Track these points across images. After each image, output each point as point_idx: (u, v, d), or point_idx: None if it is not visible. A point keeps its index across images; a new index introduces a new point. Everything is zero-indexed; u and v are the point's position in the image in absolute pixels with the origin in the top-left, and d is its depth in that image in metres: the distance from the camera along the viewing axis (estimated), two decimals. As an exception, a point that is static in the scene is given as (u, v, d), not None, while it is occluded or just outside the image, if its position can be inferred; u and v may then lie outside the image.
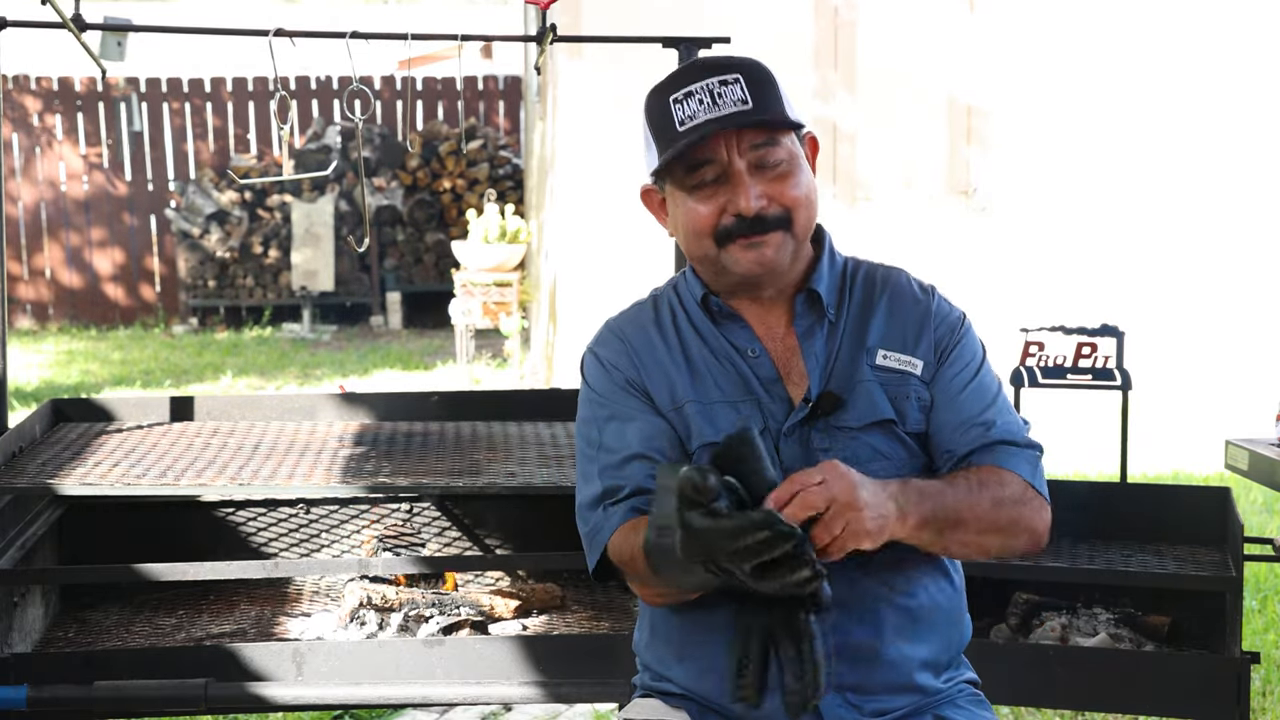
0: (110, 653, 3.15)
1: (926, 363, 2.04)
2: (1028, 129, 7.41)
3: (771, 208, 1.98)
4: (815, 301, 2.06)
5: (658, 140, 2.00)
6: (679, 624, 2.05)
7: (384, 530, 3.73)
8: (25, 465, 3.29)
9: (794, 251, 2.02)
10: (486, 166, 12.55)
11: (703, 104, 1.94)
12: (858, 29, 7.43)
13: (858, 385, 2.01)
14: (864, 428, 2.00)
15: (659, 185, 2.07)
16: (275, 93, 3.56)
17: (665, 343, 2.07)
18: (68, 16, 3.33)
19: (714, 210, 1.98)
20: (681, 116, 1.95)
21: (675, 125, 1.96)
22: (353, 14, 16.82)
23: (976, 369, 2.07)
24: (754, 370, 2.03)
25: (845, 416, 2.00)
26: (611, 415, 2.05)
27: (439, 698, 3.09)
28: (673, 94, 1.97)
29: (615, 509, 2.00)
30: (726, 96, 1.95)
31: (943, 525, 1.89)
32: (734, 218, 1.98)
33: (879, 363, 2.03)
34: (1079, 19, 7.37)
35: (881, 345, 2.04)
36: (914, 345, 2.05)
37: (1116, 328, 3.67)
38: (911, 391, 2.03)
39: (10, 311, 11.81)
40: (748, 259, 1.99)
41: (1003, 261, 7.35)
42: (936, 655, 2.04)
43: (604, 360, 2.09)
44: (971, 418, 2.02)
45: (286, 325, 12.23)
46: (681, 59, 3.52)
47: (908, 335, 2.05)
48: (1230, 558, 3.28)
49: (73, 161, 12.84)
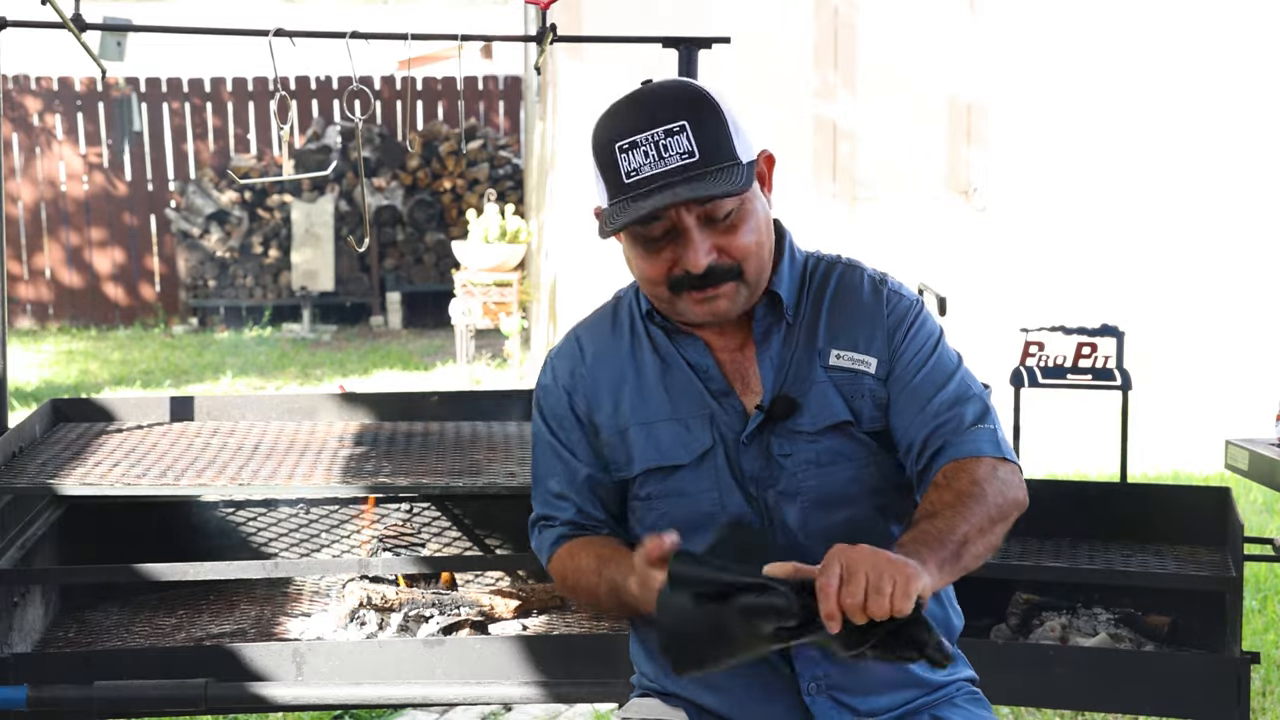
0: (110, 653, 3.15)
1: (880, 359, 2.01)
2: (1028, 129, 7.41)
3: (722, 259, 1.93)
4: (775, 304, 2.03)
5: (605, 183, 1.94)
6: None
7: (384, 530, 3.73)
8: (25, 465, 3.29)
9: (749, 295, 1.98)
10: (486, 166, 12.55)
11: (649, 157, 1.88)
12: (858, 29, 7.43)
13: (812, 387, 1.99)
14: (820, 431, 1.98)
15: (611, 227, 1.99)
16: (275, 93, 3.56)
17: (618, 353, 2.07)
18: (68, 16, 3.33)
19: (664, 265, 1.94)
20: (628, 168, 1.89)
21: (622, 176, 1.90)
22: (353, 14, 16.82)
23: (931, 350, 2.02)
24: (705, 384, 2.02)
25: (801, 420, 1.98)
26: (552, 443, 2.10)
27: (439, 698, 3.09)
28: (618, 141, 1.90)
29: (549, 533, 2.10)
30: (672, 149, 1.87)
31: (956, 557, 1.82)
32: (684, 272, 1.93)
33: (832, 363, 2.00)
34: (1079, 19, 7.37)
35: (833, 345, 2.01)
36: (866, 343, 2.01)
37: (1116, 328, 3.67)
38: (866, 390, 2.00)
39: (10, 311, 11.81)
40: (701, 311, 1.97)
41: (1003, 261, 7.35)
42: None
43: (558, 377, 2.10)
44: (929, 407, 1.98)
45: (286, 325, 12.23)
46: (681, 59, 3.52)
47: (858, 333, 2.02)
48: (1230, 558, 3.28)
49: (73, 161, 12.83)
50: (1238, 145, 7.33)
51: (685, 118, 1.89)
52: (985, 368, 2.31)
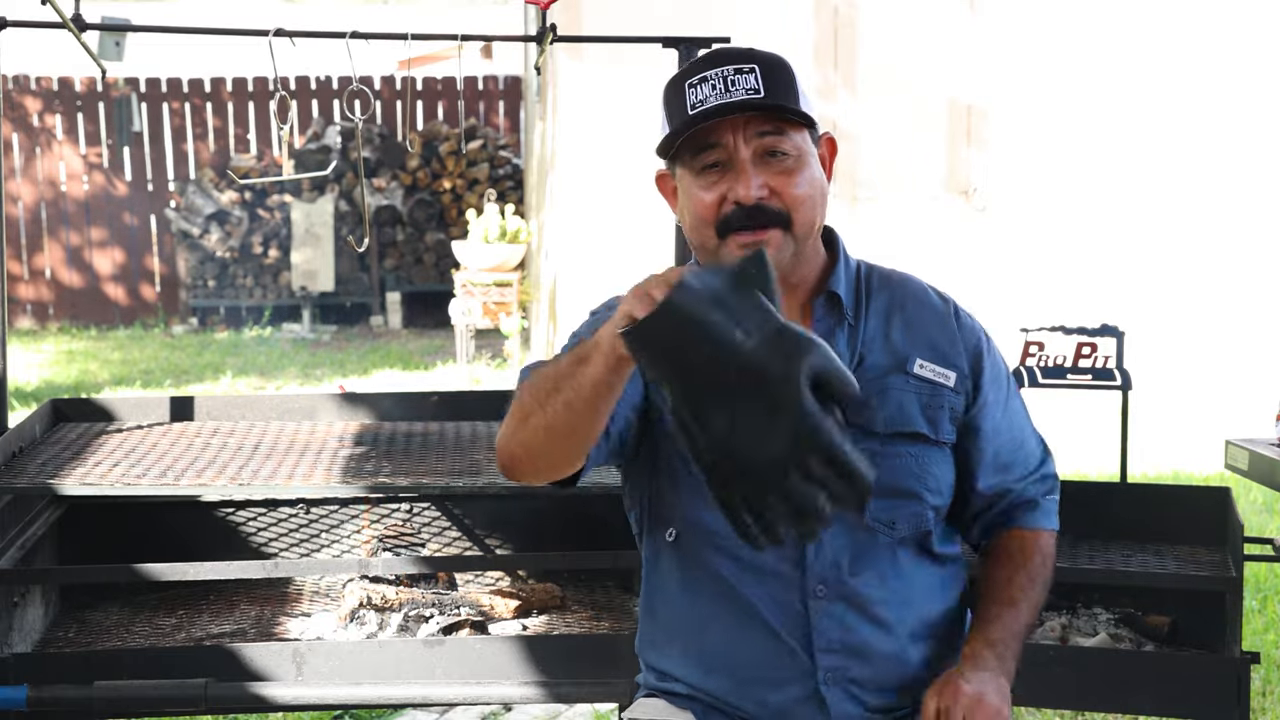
0: (110, 653, 3.15)
1: (959, 375, 2.05)
2: (1028, 129, 7.41)
3: (772, 200, 1.95)
4: (834, 304, 2.04)
5: (670, 123, 1.99)
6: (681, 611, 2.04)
7: (384, 530, 3.73)
8: (25, 465, 3.29)
9: (794, 253, 1.99)
10: (486, 166, 12.55)
11: (715, 89, 1.93)
12: (858, 29, 7.43)
13: (888, 392, 2.01)
14: (891, 435, 2.00)
15: (670, 170, 2.05)
16: (275, 93, 3.56)
17: None
18: (68, 16, 3.33)
19: (716, 197, 1.95)
20: (694, 100, 1.94)
21: (686, 108, 1.95)
22: (353, 14, 16.81)
23: (1006, 392, 2.11)
24: None
25: (872, 419, 1.98)
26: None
27: (439, 698, 3.09)
28: (689, 79, 1.96)
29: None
30: (739, 84, 1.93)
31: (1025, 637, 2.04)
32: (734, 206, 1.94)
33: (916, 372, 2.03)
34: (1079, 19, 7.37)
35: (917, 353, 2.04)
36: (945, 357, 2.05)
37: (1116, 328, 3.66)
38: (945, 403, 2.04)
39: (10, 311, 11.80)
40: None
41: (1002, 261, 7.35)
42: (941, 653, 2.05)
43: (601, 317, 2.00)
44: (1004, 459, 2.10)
45: (286, 325, 12.23)
46: (681, 59, 3.52)
47: (938, 345, 2.05)
48: (1230, 558, 3.28)
49: (73, 161, 12.83)
50: (1237, 145, 7.33)
51: (756, 62, 1.95)
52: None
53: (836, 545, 1.97)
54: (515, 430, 1.84)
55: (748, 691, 2.00)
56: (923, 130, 7.46)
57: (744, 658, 2.00)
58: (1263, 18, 7.34)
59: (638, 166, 6.89)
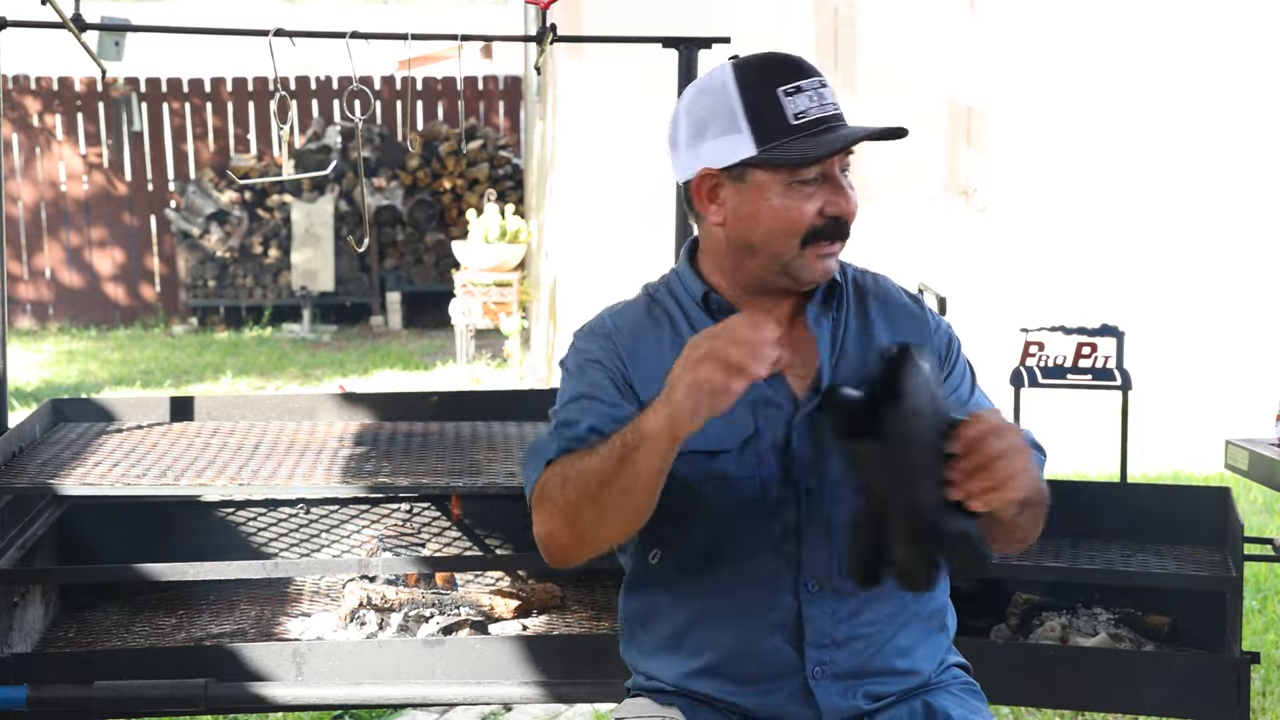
0: (110, 653, 3.15)
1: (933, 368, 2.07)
2: (1028, 129, 7.41)
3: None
4: (829, 292, 2.07)
5: (756, 124, 1.96)
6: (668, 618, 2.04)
7: (384, 530, 3.73)
8: (25, 465, 3.29)
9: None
10: (486, 166, 12.55)
11: (813, 101, 1.96)
12: (858, 29, 7.43)
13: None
14: None
15: (731, 172, 1.99)
16: (275, 93, 3.56)
17: (659, 340, 2.04)
18: (68, 16, 3.33)
19: (816, 209, 1.97)
20: (796, 110, 1.95)
21: (788, 117, 1.95)
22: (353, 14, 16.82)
23: (971, 386, 2.12)
24: None
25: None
26: (583, 394, 2.00)
27: (439, 698, 3.09)
28: (780, 85, 1.96)
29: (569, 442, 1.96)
30: (828, 98, 1.98)
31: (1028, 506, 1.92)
32: (826, 220, 1.97)
33: None
34: (1079, 20, 7.36)
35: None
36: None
37: (1116, 328, 3.66)
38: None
39: (10, 311, 11.79)
40: (818, 268, 2.00)
41: (1002, 261, 7.35)
42: (929, 640, 2.07)
43: (594, 338, 2.05)
44: None
45: (286, 325, 12.23)
46: (681, 59, 3.52)
47: (914, 339, 2.04)
48: (1230, 558, 3.28)
49: (73, 161, 12.83)
50: (1237, 146, 7.32)
51: (819, 75, 2.01)
52: (985, 368, 2.32)
53: (833, 537, 1.98)
54: (565, 527, 1.89)
55: (737, 690, 2.02)
56: (922, 130, 7.45)
57: (734, 657, 2.00)
58: (1263, 18, 7.34)
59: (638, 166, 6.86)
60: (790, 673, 1.99)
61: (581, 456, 1.88)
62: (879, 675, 2.02)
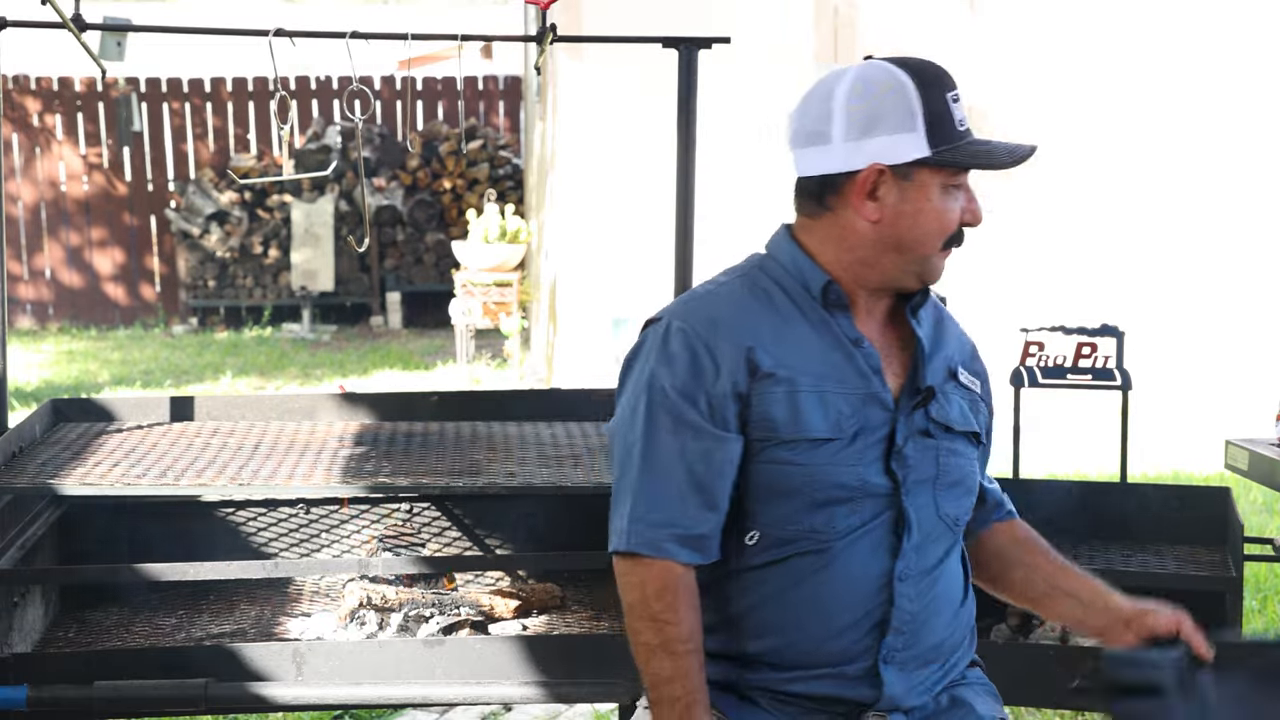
0: (110, 653, 3.15)
1: (982, 382, 2.21)
2: (1027, 129, 7.40)
3: None
4: (923, 299, 2.16)
5: (932, 125, 2.03)
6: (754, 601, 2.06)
7: (384, 530, 3.73)
8: (25, 465, 3.29)
9: None
10: (486, 166, 12.55)
11: (963, 111, 2.07)
12: (858, 29, 7.43)
13: (950, 394, 2.13)
14: (962, 433, 2.13)
15: (898, 169, 2.04)
16: (275, 93, 3.56)
17: (769, 316, 2.07)
18: (68, 16, 3.33)
19: (959, 213, 2.07)
20: (959, 118, 2.05)
21: (955, 123, 2.04)
22: (353, 14, 16.81)
23: (991, 412, 2.24)
24: (866, 361, 2.07)
25: (949, 414, 2.10)
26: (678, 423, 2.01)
27: (439, 698, 3.09)
28: (949, 92, 2.05)
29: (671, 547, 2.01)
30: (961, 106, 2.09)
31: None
32: (966, 224, 2.08)
33: (961, 379, 2.16)
34: (1079, 20, 7.36)
35: (960, 363, 2.18)
36: (970, 366, 2.20)
37: (1116, 328, 3.66)
38: (980, 407, 2.18)
39: (10, 311, 11.79)
40: (941, 269, 2.11)
41: (1003, 261, 7.35)
42: (961, 625, 2.16)
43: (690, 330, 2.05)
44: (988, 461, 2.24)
45: (286, 325, 12.23)
46: (681, 59, 3.52)
47: (965, 354, 2.20)
48: (1230, 558, 3.28)
49: (73, 161, 12.84)
50: (1238, 146, 7.32)
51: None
52: (986, 368, 2.34)
53: (923, 530, 2.07)
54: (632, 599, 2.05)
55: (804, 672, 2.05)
56: (922, 130, 7.44)
57: (811, 638, 2.04)
58: (1263, 18, 7.33)
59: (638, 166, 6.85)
60: (865, 655, 2.04)
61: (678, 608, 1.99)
62: (933, 658, 2.10)
